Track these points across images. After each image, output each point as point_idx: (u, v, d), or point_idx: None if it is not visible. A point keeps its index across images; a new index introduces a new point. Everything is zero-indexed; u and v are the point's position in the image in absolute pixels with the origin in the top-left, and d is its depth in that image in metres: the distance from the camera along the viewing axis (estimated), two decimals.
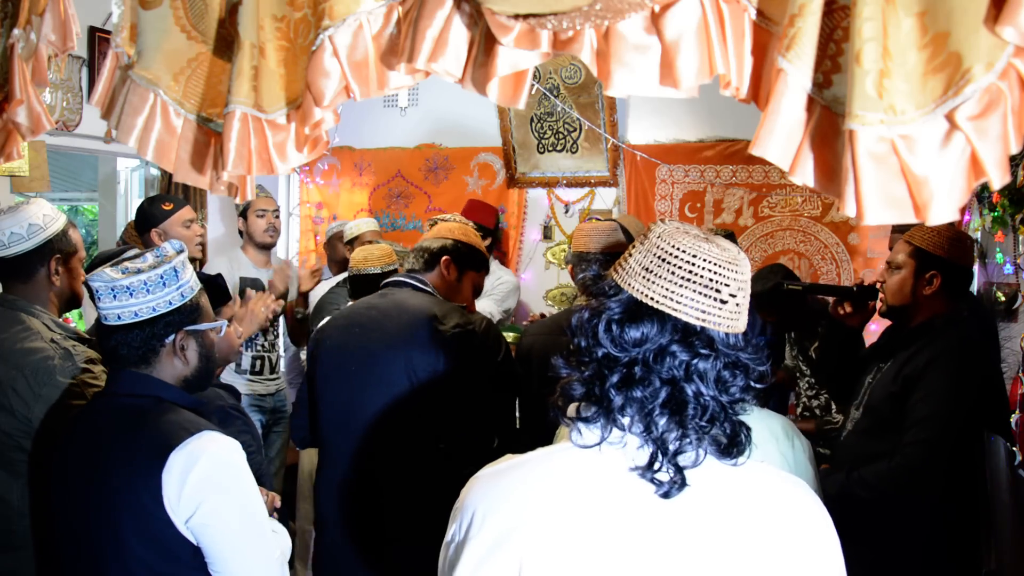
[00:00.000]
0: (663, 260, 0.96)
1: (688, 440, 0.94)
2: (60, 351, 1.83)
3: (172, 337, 1.47)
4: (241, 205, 3.62)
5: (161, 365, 1.48)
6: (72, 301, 2.05)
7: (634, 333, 0.96)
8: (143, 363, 1.47)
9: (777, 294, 2.71)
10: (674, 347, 0.95)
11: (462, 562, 0.96)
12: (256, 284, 3.53)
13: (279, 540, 1.58)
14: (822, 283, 2.68)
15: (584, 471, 0.96)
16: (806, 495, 1.00)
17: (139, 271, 1.43)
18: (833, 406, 2.97)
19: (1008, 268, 3.54)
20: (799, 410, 3.19)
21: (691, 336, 0.95)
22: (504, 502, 0.96)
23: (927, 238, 2.17)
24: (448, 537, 1.02)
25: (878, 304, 2.37)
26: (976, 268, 3.77)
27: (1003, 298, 3.58)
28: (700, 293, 0.94)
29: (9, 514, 1.79)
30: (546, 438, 1.21)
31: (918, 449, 2.04)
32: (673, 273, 0.95)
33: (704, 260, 0.95)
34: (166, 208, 3.10)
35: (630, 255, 1.00)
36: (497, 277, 4.08)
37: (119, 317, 1.43)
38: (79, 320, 3.86)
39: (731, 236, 3.61)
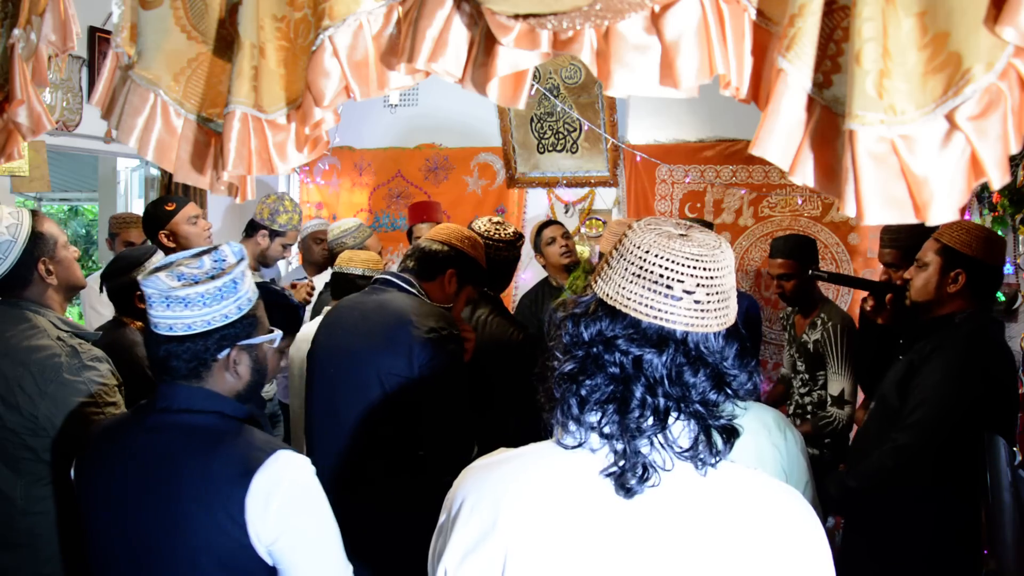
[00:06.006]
0: (622, 256, 0.95)
1: (644, 441, 0.92)
2: (67, 349, 1.83)
3: (226, 352, 1.38)
4: (277, 224, 3.55)
5: (213, 379, 1.39)
6: (74, 287, 2.03)
7: (590, 330, 0.94)
8: (194, 377, 1.37)
9: (798, 247, 2.98)
10: (619, 340, 0.92)
11: (449, 550, 0.97)
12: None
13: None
14: (845, 274, 2.90)
15: (564, 471, 0.96)
16: (792, 501, 0.96)
17: (196, 281, 1.33)
18: (828, 401, 2.97)
19: (1008, 268, 3.54)
20: (792, 408, 3.19)
21: (640, 331, 0.92)
22: (491, 494, 0.97)
23: (955, 236, 2.15)
24: (439, 524, 1.03)
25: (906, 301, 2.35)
26: None
27: (1003, 298, 3.58)
28: (649, 289, 0.91)
29: (12, 512, 1.79)
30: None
31: (907, 434, 2.05)
32: (627, 269, 0.93)
33: (656, 256, 0.92)
34: (169, 209, 3.10)
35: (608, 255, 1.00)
36: None
37: (171, 328, 1.33)
38: (79, 319, 3.86)
39: (708, 225, 3.67)
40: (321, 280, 3.79)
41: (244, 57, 1.39)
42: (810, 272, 2.88)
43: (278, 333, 1.49)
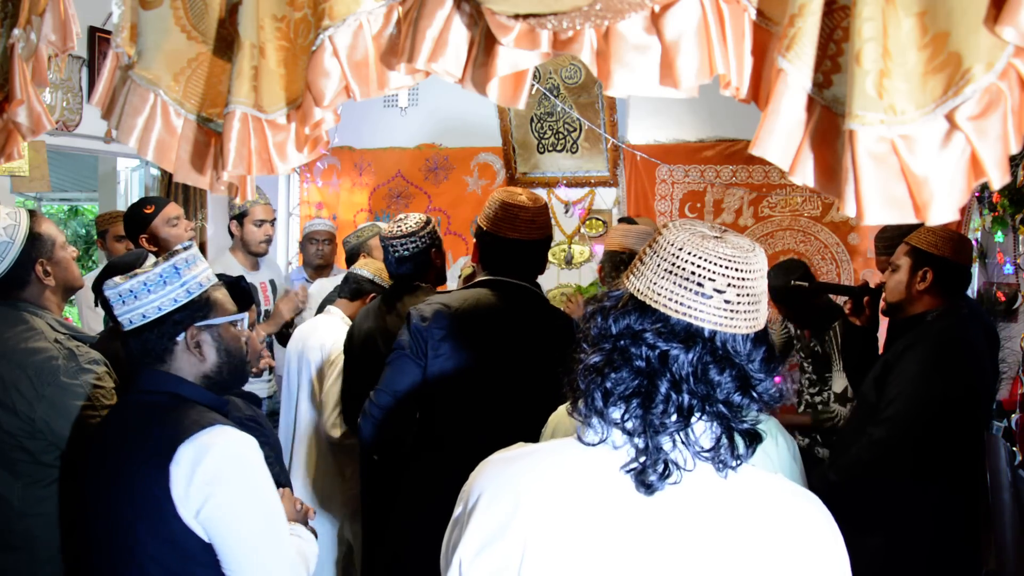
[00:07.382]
0: (655, 253, 0.96)
1: (666, 438, 0.93)
2: (64, 351, 1.82)
3: (183, 334, 1.47)
4: (236, 208, 3.54)
5: (179, 363, 1.49)
6: (72, 288, 2.02)
7: (619, 324, 0.95)
8: (161, 362, 1.48)
9: (785, 289, 2.93)
10: (647, 335, 0.93)
11: (464, 541, 0.97)
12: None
13: (303, 545, 1.55)
14: (828, 282, 2.94)
15: (585, 466, 0.97)
16: (813, 508, 0.96)
17: (141, 274, 1.45)
18: (830, 398, 2.99)
19: (1008, 268, 3.54)
20: (802, 408, 3.20)
21: (668, 327, 0.93)
22: (511, 487, 0.97)
23: (922, 237, 2.29)
24: (454, 516, 1.03)
25: (881, 304, 2.47)
26: (976, 268, 3.78)
27: (1003, 298, 3.58)
28: (680, 285, 0.92)
29: (9, 514, 1.79)
30: None
31: (883, 428, 2.12)
32: (659, 265, 0.94)
33: (689, 253, 0.93)
34: (148, 212, 3.06)
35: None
36: None
37: (131, 321, 1.46)
38: (76, 321, 3.87)
39: None
40: (320, 283, 3.77)
41: (244, 57, 1.39)
42: (792, 282, 2.92)
43: (242, 315, 1.56)
